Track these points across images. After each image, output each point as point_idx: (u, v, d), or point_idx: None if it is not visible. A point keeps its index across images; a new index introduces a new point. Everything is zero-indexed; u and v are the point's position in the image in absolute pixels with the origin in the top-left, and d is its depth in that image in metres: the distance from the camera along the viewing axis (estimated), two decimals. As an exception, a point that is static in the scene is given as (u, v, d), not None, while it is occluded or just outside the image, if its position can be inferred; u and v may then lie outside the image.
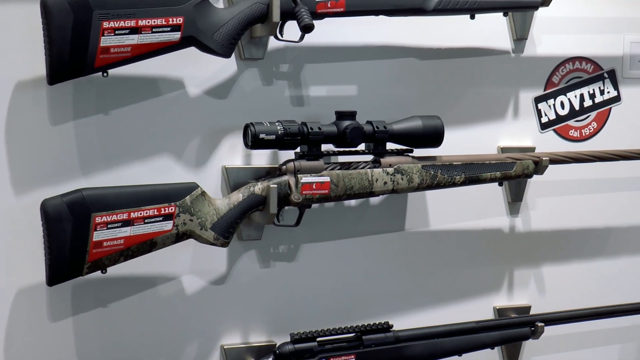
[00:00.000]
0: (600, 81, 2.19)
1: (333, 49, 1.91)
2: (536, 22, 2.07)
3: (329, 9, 1.74)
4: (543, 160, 1.94)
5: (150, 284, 1.80)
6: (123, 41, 1.59)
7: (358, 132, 1.76)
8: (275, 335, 1.89)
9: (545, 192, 2.14)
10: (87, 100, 1.71)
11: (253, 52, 1.82)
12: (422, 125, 1.81)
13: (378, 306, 1.99)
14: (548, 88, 2.14)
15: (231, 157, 1.83)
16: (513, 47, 2.08)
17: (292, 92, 1.88)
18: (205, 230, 1.68)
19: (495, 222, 2.11)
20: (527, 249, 2.15)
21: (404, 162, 1.83)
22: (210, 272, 1.85)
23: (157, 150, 1.78)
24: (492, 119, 2.08)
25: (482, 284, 2.11)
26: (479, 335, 1.93)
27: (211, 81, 1.81)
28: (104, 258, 1.60)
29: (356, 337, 1.82)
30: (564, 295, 2.17)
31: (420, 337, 1.87)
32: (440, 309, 2.06)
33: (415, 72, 1.99)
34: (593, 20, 2.16)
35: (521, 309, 2.11)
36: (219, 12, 1.68)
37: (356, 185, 1.78)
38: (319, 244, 1.94)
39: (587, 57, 2.17)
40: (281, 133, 1.70)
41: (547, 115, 2.14)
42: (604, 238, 2.24)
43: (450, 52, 2.02)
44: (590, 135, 2.20)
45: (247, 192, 1.73)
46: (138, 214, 1.61)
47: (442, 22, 1.96)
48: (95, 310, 1.75)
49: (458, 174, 1.87)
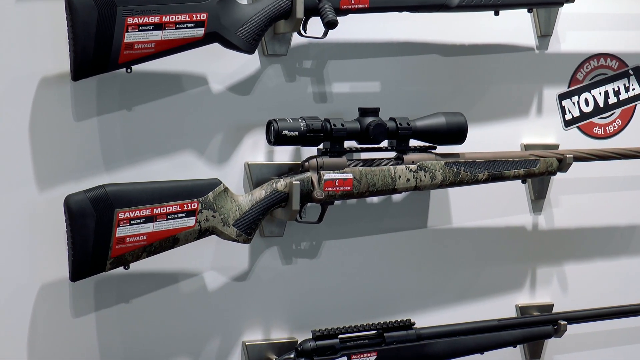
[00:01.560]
0: (625, 78, 2.19)
1: (356, 45, 1.91)
2: (561, 18, 2.07)
3: (352, 5, 1.75)
4: (567, 157, 1.94)
5: (172, 280, 1.81)
6: (147, 37, 1.59)
7: (381, 129, 1.76)
8: (296, 331, 1.90)
9: (568, 190, 2.14)
10: (111, 97, 1.72)
11: (276, 49, 1.83)
12: (445, 122, 1.82)
13: (400, 303, 2.00)
14: (572, 85, 2.14)
15: (254, 154, 1.84)
16: (537, 43, 2.08)
17: (315, 89, 1.89)
18: (228, 227, 1.68)
19: (518, 220, 2.11)
20: (550, 247, 2.15)
21: (427, 159, 1.84)
22: (233, 268, 1.86)
23: (180, 146, 1.78)
24: (516, 116, 2.09)
25: (505, 282, 2.11)
26: (501, 333, 1.94)
27: (234, 77, 1.82)
28: (127, 254, 1.60)
29: (378, 334, 1.83)
30: (587, 293, 2.18)
31: (442, 334, 1.88)
32: (463, 306, 2.06)
33: (438, 69, 1.99)
34: (618, 17, 2.16)
35: (544, 307, 2.12)
36: (242, 8, 1.69)
37: (379, 182, 1.78)
38: (341, 241, 1.94)
39: (612, 53, 2.17)
40: (304, 129, 1.71)
41: (571, 113, 2.15)
42: (627, 236, 2.24)
43: (474, 48, 2.02)
44: (614, 133, 2.20)
45: (269, 189, 1.73)
46: (161, 210, 1.62)
47: (466, 19, 1.97)
48: (117, 306, 1.76)
49: (481, 171, 1.87)
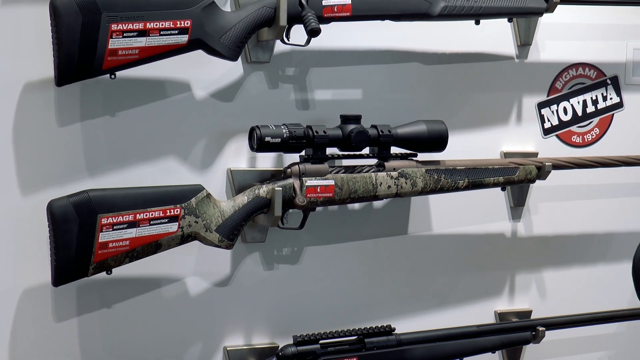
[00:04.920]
0: (603, 87, 2.20)
1: (339, 53, 1.91)
2: (540, 28, 2.08)
3: (335, 14, 1.75)
4: (546, 165, 1.94)
5: (154, 285, 1.80)
6: (131, 44, 1.59)
7: (363, 136, 1.76)
8: (278, 337, 1.90)
9: (547, 197, 2.14)
10: (95, 102, 1.71)
11: (259, 56, 1.83)
12: (426, 130, 1.82)
13: (380, 309, 1.99)
14: (551, 94, 2.15)
15: (236, 160, 1.84)
16: (517, 52, 2.09)
17: (297, 96, 1.89)
18: (210, 232, 1.68)
19: (497, 227, 2.12)
20: (529, 254, 2.16)
21: (408, 166, 1.84)
22: (215, 273, 1.86)
23: (163, 152, 1.78)
24: (496, 124, 2.09)
25: (484, 288, 2.11)
26: (480, 339, 1.94)
27: (218, 84, 1.82)
28: (110, 259, 1.60)
29: (358, 339, 1.82)
30: (565, 299, 2.18)
31: (422, 340, 1.88)
32: (442, 312, 2.06)
33: (419, 77, 1.99)
34: (596, 27, 2.17)
35: (522, 313, 2.12)
36: (226, 15, 1.69)
37: (360, 189, 1.79)
38: (322, 247, 1.94)
39: (590, 63, 2.18)
40: (286, 136, 1.71)
41: (550, 121, 2.15)
42: (605, 243, 2.25)
43: (455, 57, 2.02)
44: (592, 141, 2.20)
45: (252, 195, 1.73)
46: (144, 215, 1.62)
47: (447, 28, 1.97)
48: (100, 310, 1.75)
49: (461, 179, 1.87)
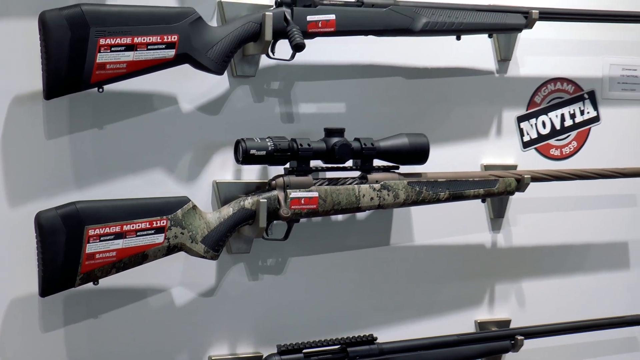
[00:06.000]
0: (580, 102, 2.21)
1: (323, 67, 1.91)
2: (520, 43, 2.09)
3: (319, 29, 1.76)
4: (525, 178, 1.95)
5: (141, 296, 1.79)
6: (119, 58, 1.59)
7: (346, 149, 1.77)
8: (262, 346, 1.89)
9: (526, 209, 2.15)
10: (83, 115, 1.71)
11: (245, 70, 1.83)
12: (408, 143, 1.82)
13: (363, 319, 1.99)
14: (530, 108, 2.16)
15: (222, 172, 1.83)
16: (497, 67, 2.10)
17: (282, 109, 1.89)
18: (196, 244, 1.68)
19: (477, 238, 2.12)
20: (508, 264, 2.17)
21: (390, 179, 1.84)
22: (200, 284, 1.85)
23: (150, 164, 1.77)
24: (476, 137, 2.10)
25: (464, 298, 2.12)
26: (460, 348, 1.94)
27: (204, 97, 1.81)
28: (96, 270, 1.60)
29: (341, 349, 1.82)
30: (543, 309, 2.19)
31: (403, 349, 1.88)
32: (424, 322, 2.06)
33: (402, 91, 2.00)
34: (574, 43, 2.19)
35: (502, 323, 2.13)
36: (212, 30, 1.69)
37: (343, 201, 1.79)
38: (306, 258, 1.94)
39: (568, 78, 2.19)
40: (271, 149, 1.71)
41: (529, 134, 2.16)
42: (582, 254, 2.26)
43: (437, 71, 2.03)
44: (570, 154, 2.21)
45: (237, 207, 1.73)
46: (130, 226, 1.62)
47: (429, 43, 1.98)
48: (86, 321, 1.75)
49: (442, 191, 1.88)
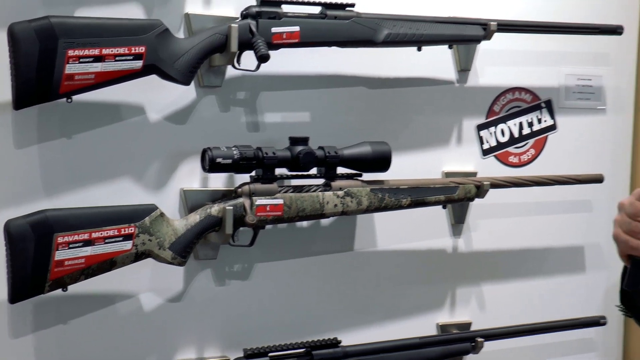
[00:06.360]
0: (537, 110, 2.22)
1: (288, 77, 1.92)
2: (479, 54, 2.10)
3: (284, 40, 1.76)
4: (484, 184, 1.97)
5: (109, 302, 1.79)
6: (87, 69, 1.59)
7: (310, 157, 1.77)
8: (229, 350, 1.89)
9: (486, 215, 2.16)
10: (51, 125, 1.70)
11: (212, 80, 1.83)
12: (371, 151, 1.83)
13: (328, 323, 1.99)
14: (489, 116, 2.16)
15: (189, 180, 1.83)
16: (457, 77, 2.10)
17: (248, 119, 1.89)
18: (164, 250, 1.69)
19: (439, 243, 2.12)
20: (469, 269, 2.17)
21: (354, 186, 1.84)
22: (168, 290, 1.85)
23: (118, 173, 1.77)
24: (437, 145, 2.10)
25: (426, 302, 2.12)
26: (422, 350, 1.95)
27: (171, 107, 1.81)
28: (65, 276, 1.60)
29: (306, 352, 1.83)
30: (503, 312, 2.19)
31: (367, 352, 1.88)
32: (387, 325, 2.06)
33: (365, 101, 2.00)
34: (532, 54, 2.19)
35: (462, 325, 2.13)
36: (179, 42, 1.69)
37: (308, 208, 1.80)
38: (272, 263, 1.94)
39: (526, 87, 2.20)
40: (237, 157, 1.71)
41: (488, 142, 2.17)
42: (540, 258, 2.26)
43: (399, 81, 2.03)
44: (528, 161, 2.22)
45: (204, 214, 1.73)
46: (99, 234, 1.62)
47: (391, 54, 1.98)
48: (55, 327, 1.73)
49: (404, 197, 1.89)
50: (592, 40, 2.21)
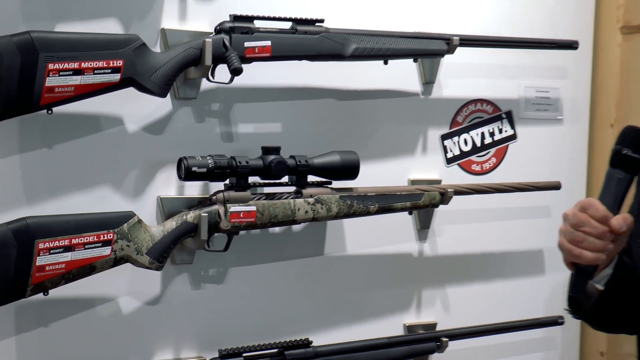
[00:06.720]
0: (499, 121, 2.24)
1: (260, 90, 1.93)
2: (443, 67, 2.11)
3: (256, 54, 1.78)
4: (448, 191, 1.99)
5: (89, 305, 1.80)
6: (67, 82, 1.60)
7: (282, 166, 1.79)
8: (204, 351, 1.90)
9: (450, 220, 2.18)
10: (33, 136, 1.71)
11: (187, 92, 1.84)
12: (340, 160, 1.85)
13: (299, 324, 2.00)
14: (453, 127, 2.18)
15: (166, 188, 1.84)
16: (422, 89, 2.12)
17: (222, 129, 1.90)
18: (141, 255, 1.71)
19: (405, 248, 2.14)
20: (434, 272, 2.18)
21: (324, 193, 1.87)
22: (146, 293, 1.85)
23: (97, 181, 1.78)
24: (403, 154, 2.12)
25: (394, 303, 2.13)
26: (390, 349, 1.98)
27: (148, 118, 1.82)
28: (47, 281, 1.61)
29: (279, 352, 1.84)
30: (466, 312, 2.21)
31: (337, 352, 1.91)
32: (356, 326, 2.08)
33: (334, 112, 2.02)
34: (493, 67, 2.22)
35: (428, 326, 2.15)
36: (156, 55, 1.71)
37: (280, 214, 1.82)
38: (246, 268, 1.94)
39: (487, 99, 2.22)
40: (212, 166, 1.73)
41: (452, 151, 2.19)
42: (502, 261, 2.28)
43: (366, 93, 2.05)
44: (490, 169, 2.25)
45: (180, 220, 1.75)
46: (79, 240, 1.64)
47: (359, 67, 2.00)
48: (37, 329, 1.74)
49: (372, 204, 1.91)
50: (550, 55, 2.23)
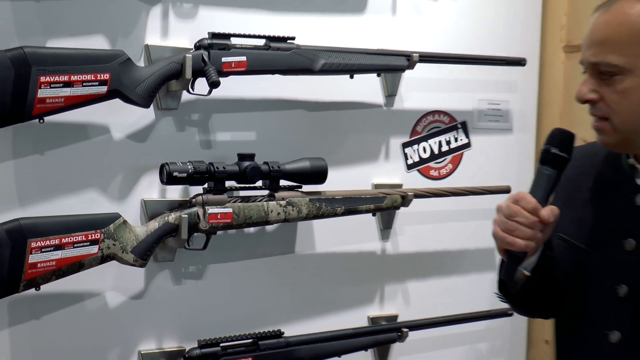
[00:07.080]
0: (454, 130, 2.31)
1: (236, 101, 1.97)
2: (404, 81, 2.17)
3: (233, 68, 1.82)
4: (408, 195, 2.06)
5: (78, 300, 1.83)
6: (57, 93, 1.65)
7: (256, 171, 1.84)
8: (185, 341, 1.94)
9: (410, 221, 2.24)
10: (25, 143, 1.74)
11: (169, 103, 1.88)
12: (309, 166, 1.91)
13: (272, 316, 2.05)
14: (413, 135, 2.24)
15: (149, 192, 1.88)
16: (385, 101, 2.18)
17: (201, 137, 1.94)
18: (126, 253, 1.75)
19: (369, 246, 2.20)
20: (396, 268, 2.24)
21: (295, 196, 1.91)
22: (130, 289, 1.89)
23: (85, 185, 1.81)
24: (368, 161, 2.18)
25: (359, 297, 2.19)
26: (355, 339, 2.05)
27: (133, 127, 1.86)
28: (38, 277, 1.66)
29: (253, 342, 1.90)
30: (425, 305, 2.27)
31: (306, 342, 1.98)
32: (324, 318, 2.13)
33: (304, 122, 2.07)
34: (449, 81, 2.28)
35: (390, 318, 2.20)
36: (140, 69, 1.75)
37: (254, 215, 1.86)
38: (223, 265, 1.98)
39: (444, 110, 2.29)
40: (192, 171, 1.77)
41: (412, 158, 2.25)
42: (457, 259, 2.35)
43: (333, 105, 2.11)
44: (446, 175, 2.31)
45: (162, 221, 1.80)
46: (68, 239, 1.68)
47: (327, 81, 2.06)
48: (29, 322, 1.78)
49: (339, 206, 1.96)
50: (501, 70, 2.31)
